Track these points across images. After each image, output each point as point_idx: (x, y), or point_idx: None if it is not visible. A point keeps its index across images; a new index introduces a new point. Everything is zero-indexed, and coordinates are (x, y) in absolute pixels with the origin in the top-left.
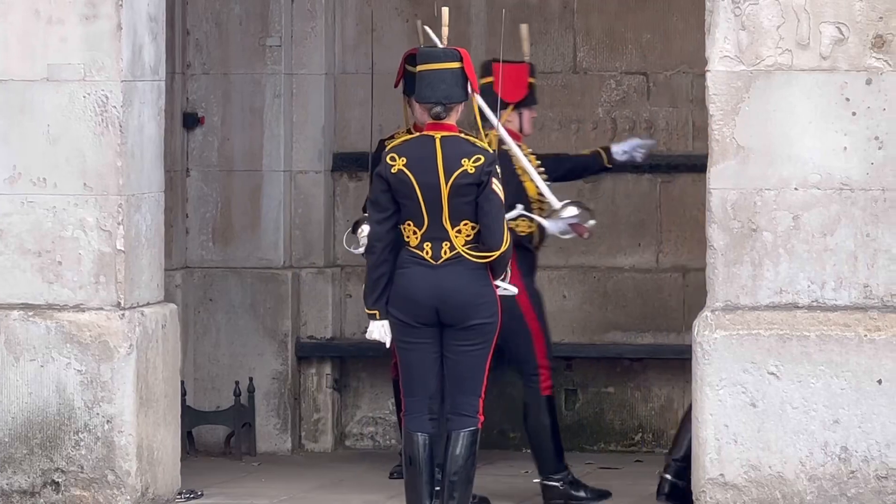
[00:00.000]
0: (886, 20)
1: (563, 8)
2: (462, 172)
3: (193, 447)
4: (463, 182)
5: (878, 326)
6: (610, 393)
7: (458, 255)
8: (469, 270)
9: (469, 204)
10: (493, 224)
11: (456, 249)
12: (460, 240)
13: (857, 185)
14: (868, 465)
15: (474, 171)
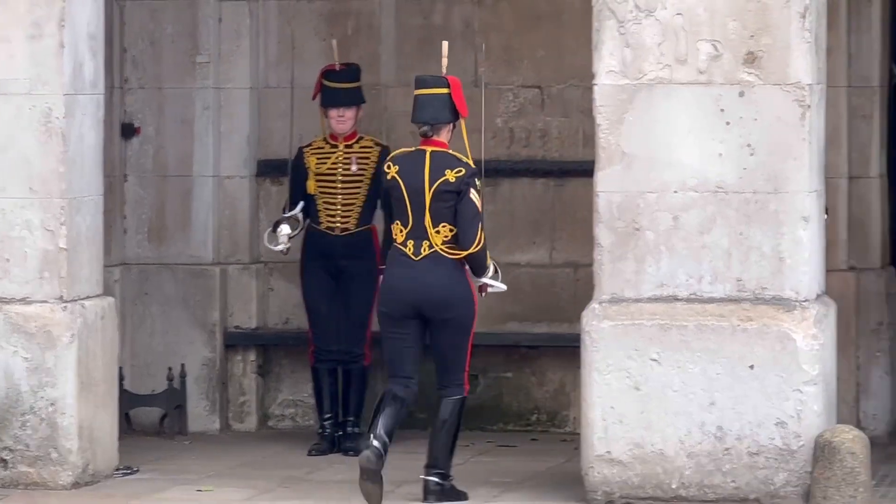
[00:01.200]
0: (757, 38)
1: (465, 27)
2: (444, 181)
3: (130, 427)
4: (444, 189)
5: (751, 317)
6: (508, 378)
7: (436, 252)
8: (444, 266)
9: (449, 209)
10: (468, 227)
11: (434, 247)
12: (438, 239)
13: (731, 188)
14: (741, 442)
15: (455, 180)
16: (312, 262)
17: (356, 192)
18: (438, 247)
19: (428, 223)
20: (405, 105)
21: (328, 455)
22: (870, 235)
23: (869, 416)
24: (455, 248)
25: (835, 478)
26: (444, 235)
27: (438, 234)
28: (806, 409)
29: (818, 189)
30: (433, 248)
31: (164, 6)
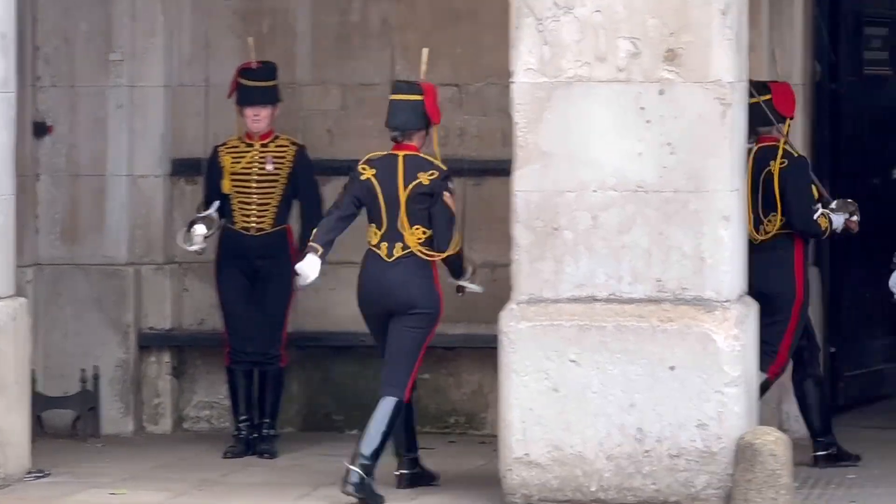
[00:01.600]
0: (677, 35)
1: (382, 24)
2: (418, 184)
3: (42, 430)
4: (418, 192)
5: (671, 317)
6: (426, 379)
7: (411, 252)
8: (416, 267)
9: (423, 211)
10: (443, 230)
11: (409, 248)
12: (413, 240)
13: (651, 187)
14: (661, 444)
15: (429, 182)
16: (227, 262)
17: (272, 192)
18: (414, 248)
19: (403, 225)
20: (321, 104)
21: (244, 457)
22: None
23: (791, 417)
24: (430, 251)
25: (756, 480)
26: (418, 238)
27: (413, 237)
28: (727, 411)
29: (739, 188)
30: (407, 249)
31: (77, 3)
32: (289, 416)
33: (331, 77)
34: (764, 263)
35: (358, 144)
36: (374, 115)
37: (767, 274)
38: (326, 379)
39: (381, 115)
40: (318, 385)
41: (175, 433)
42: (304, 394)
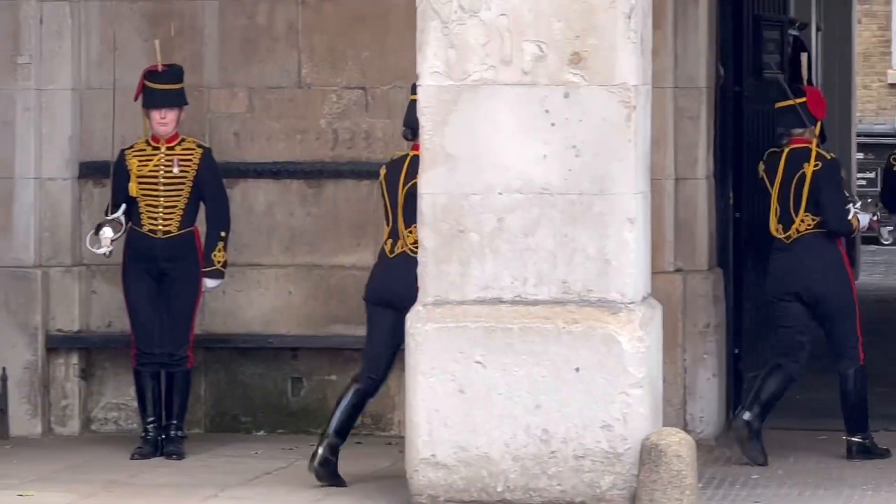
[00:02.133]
0: (582, 38)
1: (289, 28)
2: (414, 183)
3: None
4: (413, 192)
5: (576, 319)
6: (333, 380)
7: (404, 252)
8: (411, 265)
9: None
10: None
11: (404, 248)
12: (410, 239)
13: (556, 189)
14: (567, 445)
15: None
16: (135, 264)
17: (178, 195)
18: (407, 247)
19: (401, 224)
20: (228, 107)
21: (152, 459)
22: (696, 237)
23: (696, 418)
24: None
25: (661, 481)
26: (416, 236)
27: (410, 235)
28: (632, 412)
29: (644, 190)
30: (404, 248)
31: None
32: (196, 417)
33: (238, 80)
34: (806, 267)
35: (265, 147)
36: (281, 117)
37: (816, 276)
38: (234, 381)
39: (288, 117)
40: (226, 387)
41: (83, 434)
42: (211, 395)
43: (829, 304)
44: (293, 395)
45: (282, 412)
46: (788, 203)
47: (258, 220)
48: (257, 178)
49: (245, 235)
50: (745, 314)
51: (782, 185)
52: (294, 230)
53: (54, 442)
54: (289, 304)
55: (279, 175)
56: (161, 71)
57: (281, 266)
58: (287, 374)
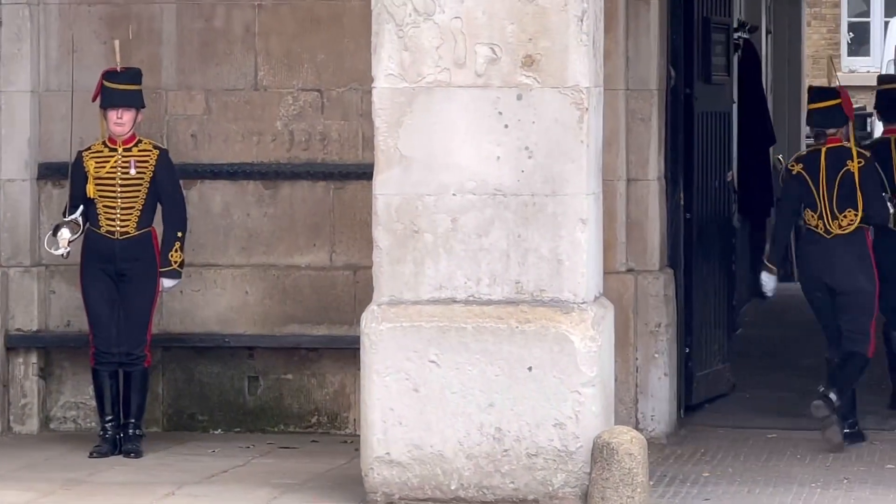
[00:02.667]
0: (535, 41)
1: (246, 31)
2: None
3: None
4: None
5: (529, 319)
6: (289, 379)
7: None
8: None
9: None
10: None
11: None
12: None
13: (510, 190)
14: (520, 443)
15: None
16: (92, 265)
17: (135, 196)
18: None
19: None
20: (185, 109)
21: (110, 457)
22: (647, 238)
23: (647, 416)
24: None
25: (613, 479)
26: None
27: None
28: (584, 411)
29: (596, 191)
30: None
31: None
32: (154, 416)
33: (195, 82)
34: (845, 261)
35: (222, 148)
36: (238, 119)
37: (853, 271)
38: (191, 379)
39: (244, 119)
40: (183, 385)
41: (42, 433)
42: (168, 394)
43: (856, 298)
44: (250, 393)
45: (238, 411)
46: (833, 200)
47: (215, 221)
48: (214, 179)
49: (202, 236)
50: (695, 313)
51: (828, 183)
52: (250, 231)
53: (13, 440)
54: (245, 303)
55: (236, 176)
56: (119, 72)
57: (237, 266)
58: (244, 373)
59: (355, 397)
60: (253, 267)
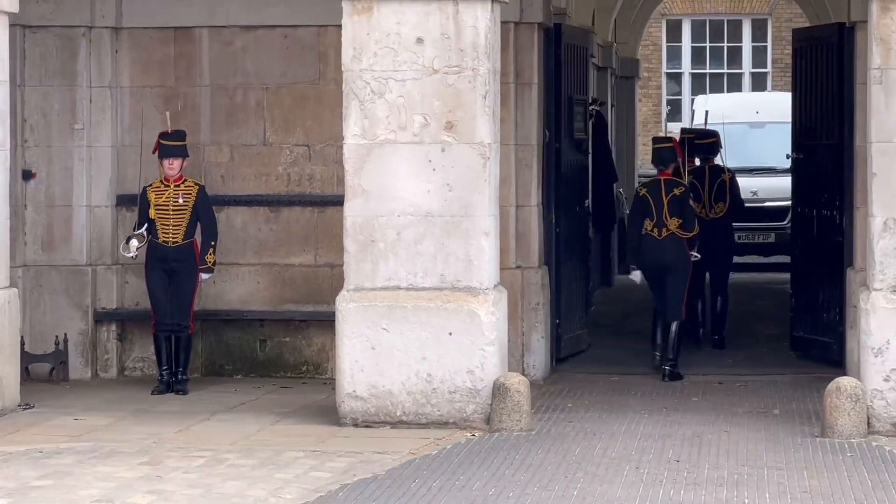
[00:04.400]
0: (454, 112)
1: (257, 105)
2: (672, 196)
3: (29, 377)
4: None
5: (450, 300)
6: (287, 341)
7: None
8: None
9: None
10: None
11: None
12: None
13: (437, 213)
14: (444, 384)
15: None
16: (153, 264)
17: (182, 217)
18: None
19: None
20: (216, 158)
21: (165, 394)
22: (530, 244)
23: (530, 366)
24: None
25: (506, 408)
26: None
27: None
28: (487, 362)
29: (495, 214)
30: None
31: (52, 91)
32: (195, 366)
33: (223, 140)
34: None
35: (241, 185)
36: (253, 165)
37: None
38: (220, 341)
39: (257, 165)
40: (215, 345)
41: (119, 378)
42: (205, 351)
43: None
44: (261, 351)
45: (253, 362)
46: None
47: (237, 234)
48: (236, 205)
49: (228, 244)
50: (562, 295)
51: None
52: (261, 241)
53: (99, 383)
54: (257, 290)
55: (251, 204)
56: (170, 133)
57: (252, 265)
58: (256, 337)
59: (332, 353)
60: (262, 265)
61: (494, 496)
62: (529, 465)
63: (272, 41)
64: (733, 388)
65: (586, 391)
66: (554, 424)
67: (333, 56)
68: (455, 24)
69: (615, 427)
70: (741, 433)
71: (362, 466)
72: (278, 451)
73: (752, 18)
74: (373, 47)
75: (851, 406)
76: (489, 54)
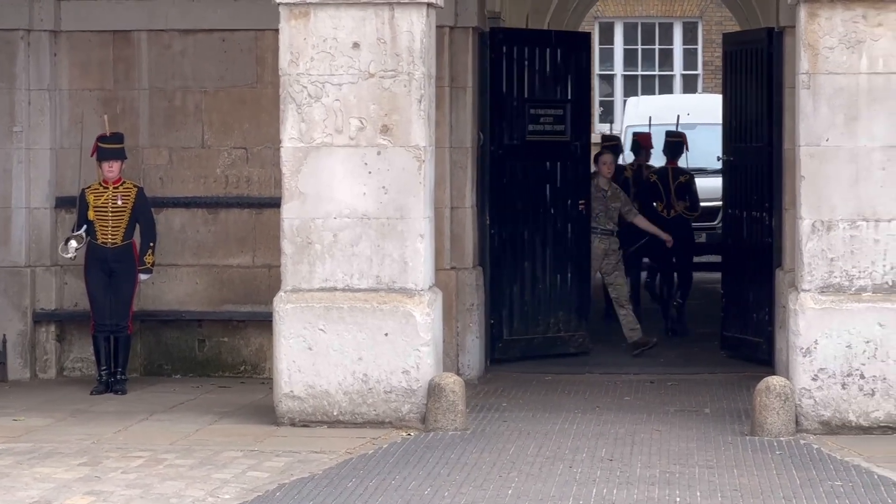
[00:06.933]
0: (389, 115)
1: (196, 108)
2: (679, 182)
3: None
4: (680, 185)
5: (385, 301)
6: (225, 341)
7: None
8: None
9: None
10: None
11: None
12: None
13: (373, 215)
14: (379, 384)
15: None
16: (92, 264)
17: (121, 219)
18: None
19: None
20: (155, 160)
21: (104, 394)
22: (464, 246)
23: (465, 366)
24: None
25: (441, 407)
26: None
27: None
28: (422, 363)
29: (430, 216)
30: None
31: None
32: (134, 366)
33: (162, 143)
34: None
35: (180, 187)
36: (191, 167)
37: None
38: (160, 341)
39: (195, 167)
40: (154, 345)
41: (58, 379)
42: (144, 351)
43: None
44: (199, 350)
45: (192, 362)
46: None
47: (175, 236)
48: (175, 207)
49: (167, 245)
50: (496, 297)
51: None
52: (199, 242)
53: (38, 384)
54: (196, 290)
55: (189, 205)
56: (109, 136)
57: (191, 265)
58: (195, 337)
59: (269, 353)
60: (201, 266)
61: (430, 496)
62: (464, 464)
63: (211, 45)
64: (665, 387)
65: (521, 390)
66: (489, 424)
67: (271, 60)
68: (391, 29)
69: (549, 426)
70: (673, 432)
71: (300, 466)
72: (217, 451)
73: (683, 21)
74: (310, 52)
75: (780, 405)
76: (424, 58)
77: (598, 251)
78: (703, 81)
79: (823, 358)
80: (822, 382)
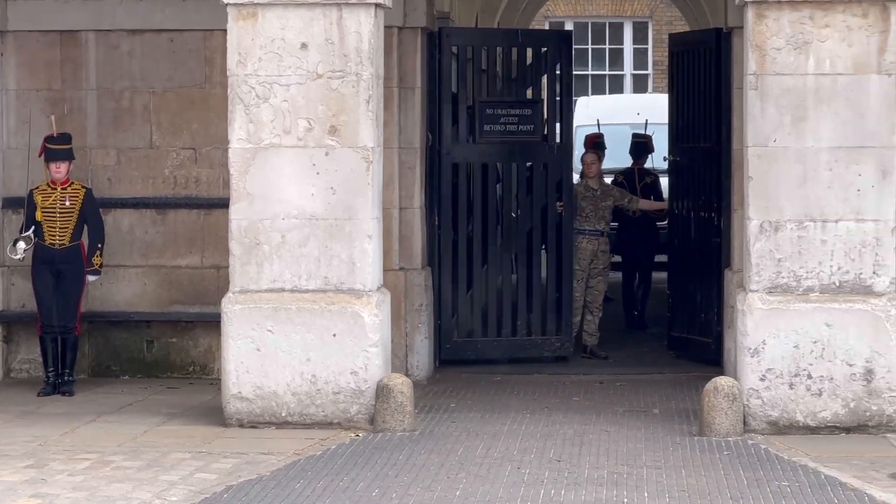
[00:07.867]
0: (338, 116)
1: (144, 109)
2: (644, 184)
3: None
4: (645, 186)
5: (333, 302)
6: (174, 342)
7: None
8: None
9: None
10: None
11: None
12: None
13: (321, 216)
14: (328, 385)
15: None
16: (40, 266)
17: (69, 220)
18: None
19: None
20: (103, 161)
21: (52, 395)
22: (413, 246)
23: (413, 366)
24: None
25: (390, 408)
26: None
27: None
28: (371, 363)
29: (378, 216)
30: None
31: None
32: (82, 367)
33: (110, 143)
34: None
35: (128, 187)
36: (139, 168)
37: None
38: (108, 342)
39: (143, 168)
40: (102, 346)
41: (5, 380)
42: (92, 352)
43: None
44: (148, 352)
45: (140, 363)
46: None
47: (123, 236)
48: (123, 208)
49: (115, 246)
50: (444, 297)
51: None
52: (148, 243)
53: None
54: (144, 291)
55: (138, 206)
56: (56, 136)
57: (139, 266)
58: (143, 337)
59: (218, 354)
60: (149, 267)
61: (378, 497)
62: (413, 465)
63: (159, 45)
64: (614, 388)
65: (469, 391)
66: (437, 424)
67: (219, 60)
68: (339, 29)
69: (497, 427)
70: (621, 432)
71: (248, 467)
72: (164, 453)
73: (633, 21)
74: (258, 52)
75: (728, 405)
76: (372, 59)
77: (585, 252)
78: (653, 81)
79: (771, 358)
80: (770, 382)
